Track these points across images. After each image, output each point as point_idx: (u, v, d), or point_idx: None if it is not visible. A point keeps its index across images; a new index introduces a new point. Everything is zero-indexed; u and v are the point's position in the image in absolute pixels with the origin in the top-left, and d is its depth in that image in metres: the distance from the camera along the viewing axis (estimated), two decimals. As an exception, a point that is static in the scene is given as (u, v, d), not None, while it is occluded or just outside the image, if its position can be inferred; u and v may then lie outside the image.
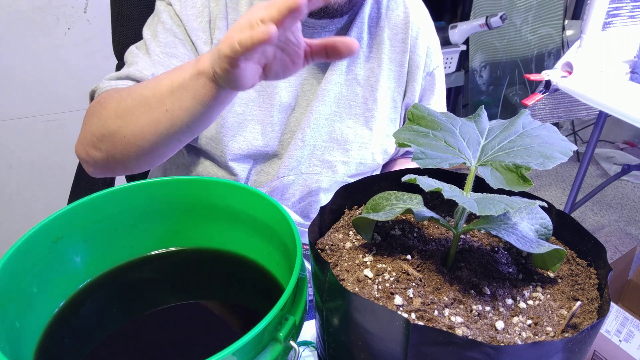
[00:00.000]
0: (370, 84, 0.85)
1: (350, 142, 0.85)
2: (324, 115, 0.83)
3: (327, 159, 0.85)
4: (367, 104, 0.85)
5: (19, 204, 1.78)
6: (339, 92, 0.84)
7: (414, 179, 0.42)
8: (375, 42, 0.85)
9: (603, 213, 2.35)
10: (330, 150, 0.85)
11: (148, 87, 0.65)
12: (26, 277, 0.48)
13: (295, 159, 0.83)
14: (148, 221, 0.57)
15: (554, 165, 0.42)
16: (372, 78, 0.85)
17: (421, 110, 0.49)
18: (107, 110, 0.68)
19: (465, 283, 0.45)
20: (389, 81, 0.87)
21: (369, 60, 0.85)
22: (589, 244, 0.48)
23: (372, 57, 0.85)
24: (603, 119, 1.70)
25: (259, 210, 0.55)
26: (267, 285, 0.56)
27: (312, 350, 0.61)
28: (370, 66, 0.85)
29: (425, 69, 0.90)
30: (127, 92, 0.68)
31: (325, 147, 0.84)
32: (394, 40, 0.86)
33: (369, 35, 0.85)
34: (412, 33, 0.86)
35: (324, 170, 0.86)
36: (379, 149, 0.89)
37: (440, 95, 0.94)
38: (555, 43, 2.42)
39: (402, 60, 0.87)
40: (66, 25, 1.59)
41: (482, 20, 1.91)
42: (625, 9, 1.59)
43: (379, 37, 0.85)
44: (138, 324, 0.52)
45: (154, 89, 0.64)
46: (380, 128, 0.87)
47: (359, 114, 0.85)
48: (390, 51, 0.86)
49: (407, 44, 0.86)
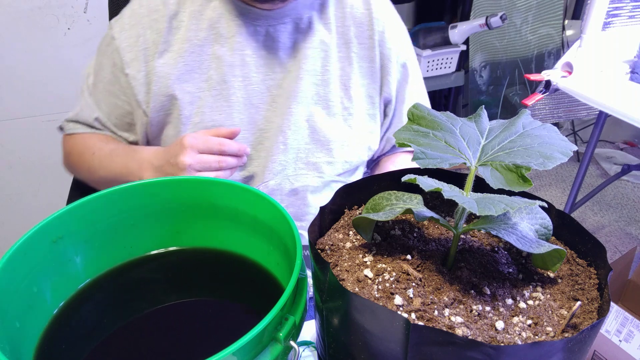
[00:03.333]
0: (344, 82, 0.87)
1: (333, 141, 0.86)
2: (304, 117, 0.84)
3: (312, 161, 0.86)
4: (344, 102, 0.87)
5: (19, 204, 1.78)
6: (315, 93, 0.85)
7: (414, 179, 0.42)
8: (343, 42, 0.87)
9: (603, 213, 2.35)
10: (314, 152, 0.85)
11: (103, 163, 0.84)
12: (26, 277, 0.48)
13: (280, 162, 0.84)
14: (148, 221, 0.57)
15: (554, 165, 0.42)
16: (345, 77, 0.87)
17: (421, 110, 0.49)
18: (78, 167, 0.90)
19: (465, 283, 0.45)
20: (362, 78, 0.88)
21: (339, 60, 0.87)
22: (589, 244, 0.48)
23: (342, 56, 0.87)
24: (603, 119, 1.70)
25: (259, 210, 0.55)
26: (267, 285, 0.56)
27: (312, 350, 0.61)
28: (342, 65, 0.87)
29: (398, 60, 0.91)
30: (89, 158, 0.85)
31: (308, 149, 0.85)
32: (361, 38, 0.87)
33: (337, 35, 0.86)
34: (377, 28, 0.88)
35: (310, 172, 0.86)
36: (361, 146, 0.90)
37: (415, 84, 0.96)
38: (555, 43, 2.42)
39: (372, 55, 0.88)
40: (66, 25, 1.59)
41: (482, 20, 1.91)
42: (625, 9, 1.59)
43: (346, 36, 0.87)
44: (138, 324, 0.52)
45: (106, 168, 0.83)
46: (359, 125, 0.88)
47: (337, 114, 0.86)
48: (358, 49, 0.87)
49: (375, 40, 0.88)
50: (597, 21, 1.46)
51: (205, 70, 0.82)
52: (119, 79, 0.84)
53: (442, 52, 2.02)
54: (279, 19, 0.82)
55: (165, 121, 0.84)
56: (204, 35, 0.81)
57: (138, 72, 0.82)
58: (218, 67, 0.81)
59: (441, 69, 2.08)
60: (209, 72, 0.82)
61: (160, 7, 0.82)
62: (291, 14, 0.82)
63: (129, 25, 0.82)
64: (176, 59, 0.81)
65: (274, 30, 0.82)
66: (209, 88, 0.82)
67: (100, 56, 0.87)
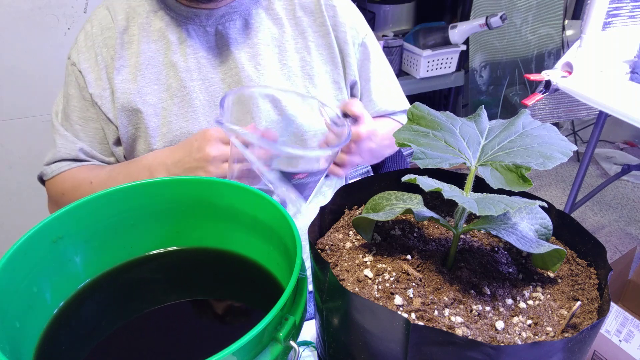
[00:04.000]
0: (307, 71, 0.87)
1: (307, 131, 0.86)
2: (274, 111, 0.84)
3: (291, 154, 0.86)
4: (310, 92, 0.87)
5: (19, 204, 1.78)
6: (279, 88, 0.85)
7: (414, 179, 0.42)
8: (298, 32, 0.87)
9: (603, 213, 2.35)
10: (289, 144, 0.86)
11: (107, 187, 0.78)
12: (26, 277, 0.48)
13: None
14: (148, 221, 0.57)
15: (554, 165, 0.42)
16: (307, 67, 0.87)
17: (421, 110, 0.49)
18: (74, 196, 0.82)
19: (465, 283, 0.45)
20: (324, 65, 0.89)
21: (297, 50, 0.87)
22: (589, 244, 0.48)
23: (299, 47, 0.87)
24: (603, 119, 1.70)
25: (259, 210, 0.55)
26: (267, 285, 0.56)
27: (312, 350, 0.61)
28: (301, 56, 0.87)
29: (355, 41, 0.91)
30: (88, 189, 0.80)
31: (284, 142, 0.85)
32: (314, 26, 0.88)
33: (291, 27, 0.87)
34: (328, 13, 0.88)
35: None
36: None
37: (378, 62, 0.96)
38: (555, 43, 2.42)
39: (329, 42, 0.88)
40: (66, 25, 1.59)
41: (482, 20, 1.91)
42: (625, 9, 1.59)
43: (300, 26, 0.87)
44: (138, 324, 0.52)
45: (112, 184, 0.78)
46: None
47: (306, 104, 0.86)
48: (314, 37, 0.88)
49: (327, 26, 0.88)
50: (597, 21, 1.46)
51: (164, 79, 0.82)
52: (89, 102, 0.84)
53: (442, 52, 2.02)
54: (226, 17, 0.82)
55: (136, 135, 0.84)
56: (155, 47, 0.82)
57: (103, 90, 0.82)
58: (175, 75, 0.82)
59: (441, 69, 2.08)
60: (167, 81, 0.82)
61: (111, 24, 0.83)
62: (238, 10, 0.83)
63: (85, 48, 0.83)
64: (134, 73, 0.81)
65: (223, 27, 0.83)
66: (170, 97, 0.82)
67: (66, 88, 0.86)
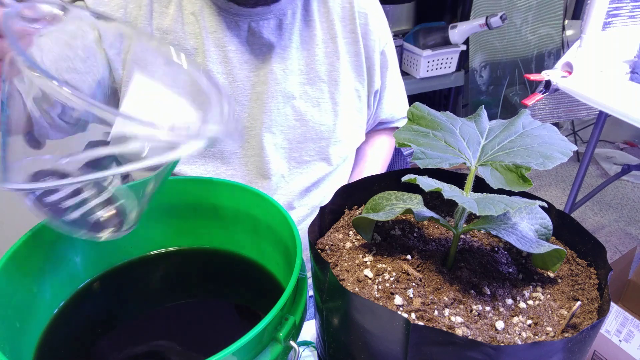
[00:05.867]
0: (334, 78, 0.86)
1: (326, 139, 0.86)
2: (293, 116, 0.83)
3: (305, 159, 0.85)
4: (335, 98, 0.86)
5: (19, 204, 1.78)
6: (303, 92, 0.84)
7: (414, 179, 0.42)
8: (329, 37, 0.86)
9: (603, 213, 2.35)
10: (306, 151, 0.85)
11: None
12: (26, 277, 0.48)
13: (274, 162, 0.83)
14: (148, 221, 0.57)
15: (554, 165, 0.42)
16: (334, 72, 0.86)
17: (421, 110, 0.49)
18: None
19: (465, 283, 0.45)
20: (349, 72, 0.88)
21: (327, 55, 0.86)
22: (589, 244, 0.48)
23: (329, 52, 0.86)
24: (603, 119, 1.70)
25: (259, 210, 0.55)
26: (267, 285, 0.56)
27: (312, 350, 0.61)
28: (330, 61, 0.86)
29: (379, 49, 0.91)
30: None
31: (301, 147, 0.85)
32: (345, 32, 0.87)
33: (322, 31, 0.86)
34: (360, 21, 0.87)
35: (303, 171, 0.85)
36: (352, 140, 0.90)
37: (394, 69, 0.96)
38: (555, 43, 2.42)
39: (357, 50, 0.88)
40: (66, 25, 1.59)
41: (482, 20, 1.91)
42: (625, 9, 1.59)
43: (332, 31, 0.86)
44: (138, 323, 0.52)
45: None
46: (349, 120, 0.89)
47: (328, 110, 0.86)
48: (344, 43, 0.87)
49: (358, 33, 0.87)
50: (597, 21, 1.46)
51: None
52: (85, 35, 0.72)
53: (442, 52, 2.02)
54: (261, 15, 0.80)
55: None
56: (189, 30, 0.78)
57: (110, 47, 0.74)
58: (202, 63, 0.79)
59: (441, 69, 2.08)
60: None
61: None
62: (274, 9, 0.81)
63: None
64: None
65: (257, 25, 0.80)
66: None
67: None
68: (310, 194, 0.88)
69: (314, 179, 0.87)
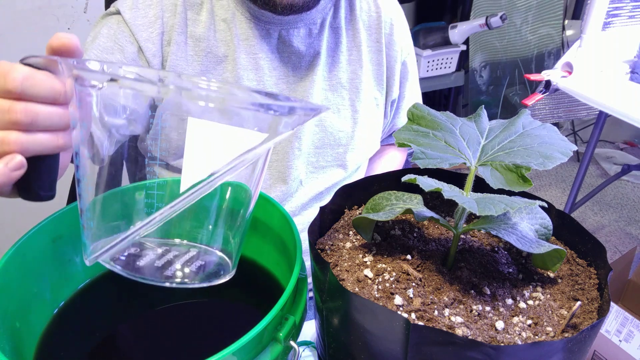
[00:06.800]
0: (355, 85, 0.86)
1: (343, 145, 0.86)
2: (313, 122, 0.83)
3: (321, 165, 0.86)
4: (355, 106, 0.86)
5: (19, 204, 1.78)
6: (324, 98, 0.84)
7: (414, 179, 0.42)
8: (354, 45, 0.86)
9: (603, 213, 2.35)
10: (324, 156, 0.85)
11: None
12: (26, 277, 0.48)
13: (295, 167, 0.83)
14: (148, 221, 0.57)
15: (554, 165, 0.42)
16: (356, 80, 0.86)
17: (421, 110, 0.49)
18: None
19: (465, 283, 0.45)
20: (370, 81, 0.88)
21: (350, 63, 0.86)
22: (589, 244, 0.48)
23: (352, 59, 0.86)
24: (603, 119, 1.70)
25: (260, 210, 0.55)
26: (267, 285, 0.56)
27: (312, 350, 0.61)
28: (353, 69, 0.86)
29: (401, 60, 0.91)
30: None
31: (319, 153, 0.85)
32: (370, 41, 0.87)
33: (348, 38, 0.86)
34: (385, 31, 0.87)
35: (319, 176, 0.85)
36: (368, 148, 0.90)
37: (414, 81, 0.96)
38: (555, 43, 2.42)
39: (379, 59, 0.88)
40: (66, 25, 1.59)
41: (482, 20, 1.91)
42: (625, 9, 1.59)
43: (357, 39, 0.86)
44: (138, 324, 0.52)
45: None
46: (367, 128, 0.89)
47: (348, 117, 0.86)
48: (368, 52, 0.87)
49: (382, 43, 0.87)
50: (597, 21, 1.46)
51: (221, 72, 0.80)
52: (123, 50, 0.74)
53: (442, 52, 2.02)
54: (292, 24, 0.81)
55: None
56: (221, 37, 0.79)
57: (153, 57, 0.76)
58: (233, 70, 0.80)
59: (441, 69, 2.08)
60: (223, 75, 0.80)
61: None
62: (305, 18, 0.81)
63: (144, 5, 0.75)
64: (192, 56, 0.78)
65: (287, 34, 0.81)
66: None
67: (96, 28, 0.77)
68: (323, 199, 0.88)
69: (328, 184, 0.87)
